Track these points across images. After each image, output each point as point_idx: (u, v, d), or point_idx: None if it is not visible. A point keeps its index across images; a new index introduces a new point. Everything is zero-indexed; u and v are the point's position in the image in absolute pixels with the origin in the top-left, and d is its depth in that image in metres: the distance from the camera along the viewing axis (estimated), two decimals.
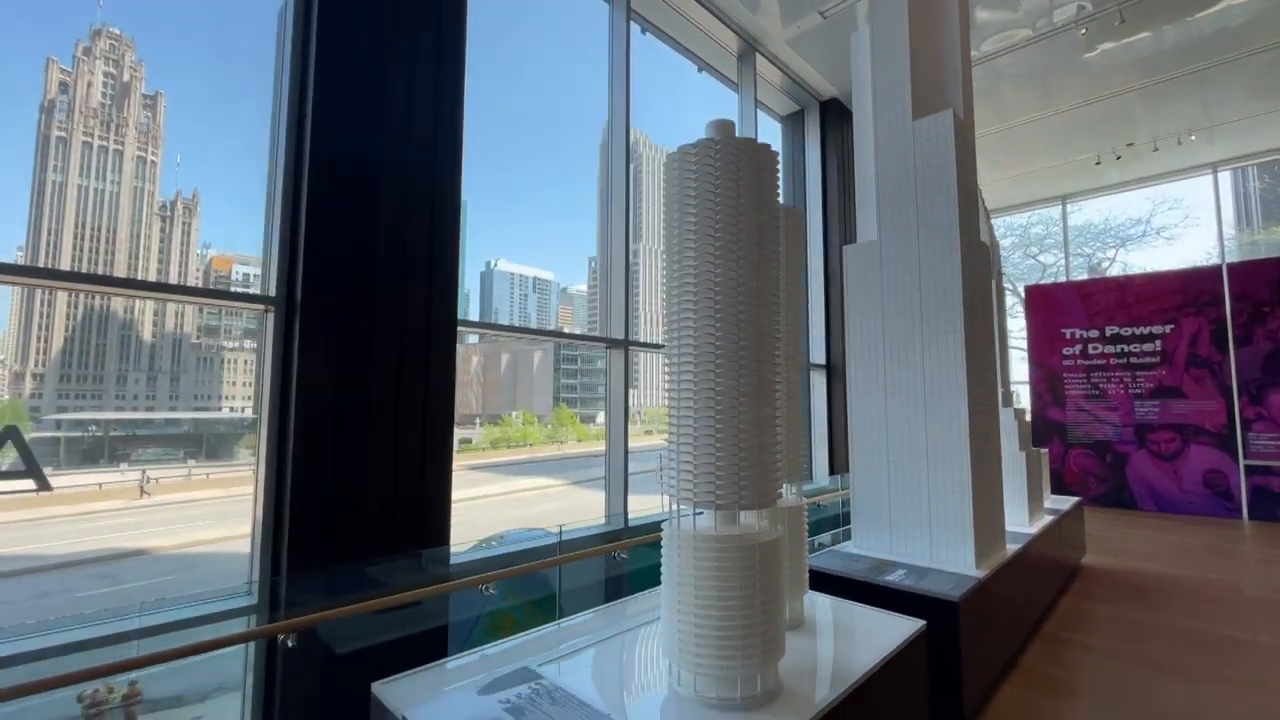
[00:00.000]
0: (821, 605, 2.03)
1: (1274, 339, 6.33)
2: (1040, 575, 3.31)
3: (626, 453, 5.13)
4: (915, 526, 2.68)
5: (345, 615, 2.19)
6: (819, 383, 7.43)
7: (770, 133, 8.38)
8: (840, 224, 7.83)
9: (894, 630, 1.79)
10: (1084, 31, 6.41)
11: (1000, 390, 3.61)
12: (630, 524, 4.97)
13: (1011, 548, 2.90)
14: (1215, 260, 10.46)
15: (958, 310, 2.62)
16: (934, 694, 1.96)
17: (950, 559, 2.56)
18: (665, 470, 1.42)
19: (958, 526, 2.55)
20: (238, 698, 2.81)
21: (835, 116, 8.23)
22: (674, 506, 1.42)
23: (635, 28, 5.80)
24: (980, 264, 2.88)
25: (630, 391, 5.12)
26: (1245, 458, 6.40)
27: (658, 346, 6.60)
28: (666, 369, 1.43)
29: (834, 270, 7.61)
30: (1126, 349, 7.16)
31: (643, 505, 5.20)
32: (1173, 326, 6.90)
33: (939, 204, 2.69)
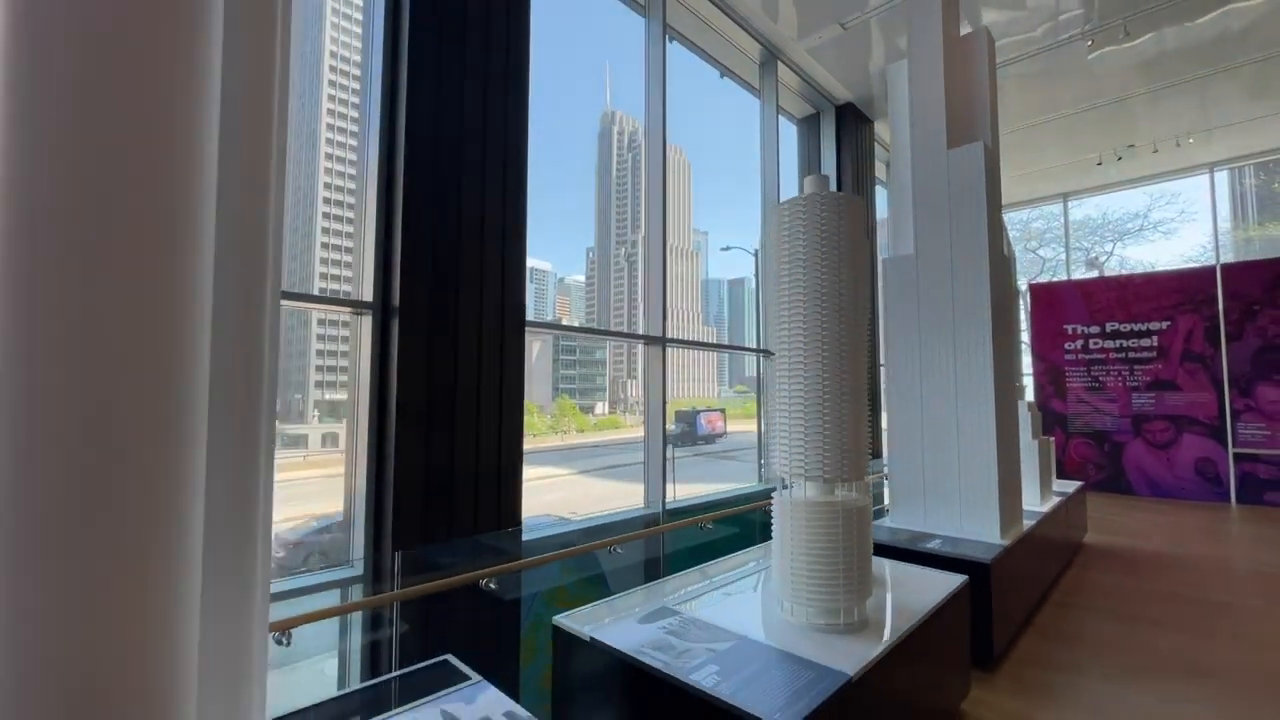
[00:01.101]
0: (881, 564, 2.44)
1: (1263, 335, 6.77)
2: (1051, 548, 3.75)
3: (665, 444, 5.53)
4: (947, 503, 3.10)
5: (502, 573, 2.63)
6: None
7: (786, 135, 8.71)
8: None
9: (943, 583, 2.20)
10: (1090, 44, 6.77)
11: (1016, 384, 4.02)
12: (668, 508, 5.39)
13: (1027, 523, 3.32)
14: (1209, 256, 10.87)
15: (986, 315, 3.02)
16: (971, 638, 2.38)
17: (977, 531, 2.99)
18: (779, 450, 1.82)
19: (984, 503, 2.97)
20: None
21: (850, 120, 8.57)
22: (785, 480, 1.83)
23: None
24: (1004, 274, 3.28)
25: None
26: (1234, 446, 6.85)
27: (693, 343, 6.98)
28: (780, 372, 1.83)
29: None
30: (1125, 344, 7.59)
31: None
32: (1169, 323, 7.34)
33: (970, 223, 3.08)
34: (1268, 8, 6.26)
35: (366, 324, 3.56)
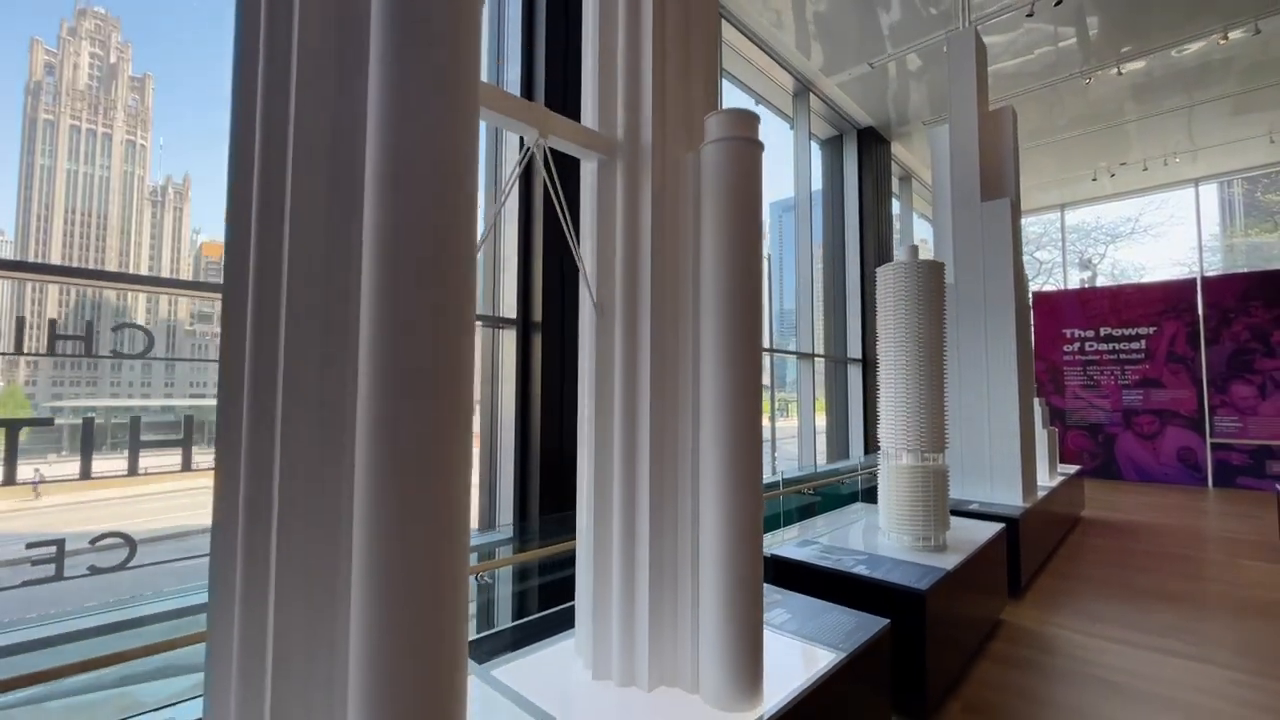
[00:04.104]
0: None
1: (1237, 340, 7.73)
2: (1059, 515, 4.67)
3: None
4: (979, 476, 4.00)
5: None
6: (855, 375, 8.72)
7: (812, 155, 9.57)
8: (875, 234, 9.08)
9: (988, 529, 3.11)
10: (1088, 82, 7.67)
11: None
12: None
13: (1041, 494, 4.23)
14: (1195, 263, 11.84)
15: (1011, 331, 3.92)
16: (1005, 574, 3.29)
17: (1004, 497, 3.89)
18: (885, 431, 2.72)
19: (1009, 476, 3.88)
20: None
21: (870, 141, 9.44)
22: (890, 451, 2.72)
23: None
24: (1023, 295, 4.18)
25: None
26: (1211, 437, 7.82)
27: (792, 353, 7.85)
28: (885, 379, 2.72)
29: (869, 274, 8.84)
30: (1117, 347, 8.55)
31: None
32: (1156, 329, 8.29)
33: (998, 260, 3.98)
34: (1244, 43, 7.12)
35: (507, 336, 4.41)
